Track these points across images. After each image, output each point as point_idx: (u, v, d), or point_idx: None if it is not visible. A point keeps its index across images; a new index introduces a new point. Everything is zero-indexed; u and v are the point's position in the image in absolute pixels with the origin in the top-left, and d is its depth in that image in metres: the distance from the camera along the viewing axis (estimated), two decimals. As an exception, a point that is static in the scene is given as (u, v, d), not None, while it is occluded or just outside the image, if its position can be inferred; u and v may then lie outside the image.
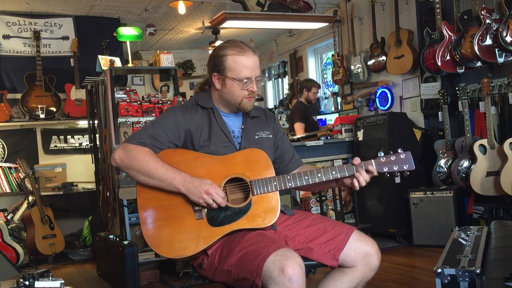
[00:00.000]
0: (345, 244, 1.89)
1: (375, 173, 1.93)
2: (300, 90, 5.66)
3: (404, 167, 1.93)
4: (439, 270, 2.11)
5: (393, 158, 1.94)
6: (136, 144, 1.90)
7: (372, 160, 1.95)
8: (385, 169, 1.94)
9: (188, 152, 1.97)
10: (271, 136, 2.13)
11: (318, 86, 5.78)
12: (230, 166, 1.92)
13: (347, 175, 1.93)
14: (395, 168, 1.93)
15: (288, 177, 1.93)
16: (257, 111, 2.14)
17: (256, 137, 2.08)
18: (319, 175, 1.93)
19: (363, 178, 1.92)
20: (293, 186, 1.94)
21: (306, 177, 1.93)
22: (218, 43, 7.05)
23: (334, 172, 1.93)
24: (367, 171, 1.92)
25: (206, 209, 1.89)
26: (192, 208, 1.88)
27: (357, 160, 1.95)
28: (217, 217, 1.88)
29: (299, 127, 5.41)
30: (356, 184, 1.93)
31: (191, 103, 2.07)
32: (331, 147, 5.06)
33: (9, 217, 5.34)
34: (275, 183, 1.92)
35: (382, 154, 1.96)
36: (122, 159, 1.89)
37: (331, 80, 6.62)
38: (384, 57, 5.49)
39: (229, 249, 1.84)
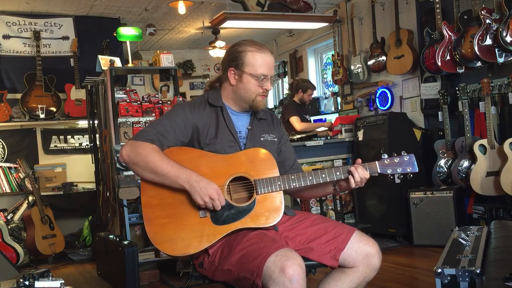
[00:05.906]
0: (346, 245, 1.90)
1: (367, 176, 1.92)
2: (296, 90, 5.63)
3: (408, 170, 1.94)
4: (439, 270, 2.12)
5: (396, 160, 1.95)
6: (143, 141, 1.89)
7: (376, 162, 1.95)
8: (389, 171, 1.94)
9: (193, 150, 1.96)
10: (276, 139, 2.13)
11: (314, 88, 5.68)
12: (234, 165, 1.92)
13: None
14: (399, 170, 1.94)
15: (293, 177, 1.93)
16: (264, 114, 2.15)
17: (262, 139, 2.07)
18: (323, 175, 1.93)
19: (359, 175, 1.90)
20: (297, 186, 1.93)
21: (310, 177, 1.93)
22: (218, 43, 7.05)
23: (338, 173, 1.93)
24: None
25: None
26: (195, 207, 1.88)
27: (359, 161, 1.95)
28: (221, 216, 1.88)
29: (295, 120, 5.22)
30: (352, 181, 1.91)
31: (199, 100, 2.06)
32: (331, 147, 5.05)
33: (9, 217, 5.34)
34: (279, 183, 1.91)
35: (386, 156, 1.95)
36: (129, 155, 1.89)
37: (331, 80, 6.62)
38: (384, 57, 5.49)
39: (230, 249, 1.84)
